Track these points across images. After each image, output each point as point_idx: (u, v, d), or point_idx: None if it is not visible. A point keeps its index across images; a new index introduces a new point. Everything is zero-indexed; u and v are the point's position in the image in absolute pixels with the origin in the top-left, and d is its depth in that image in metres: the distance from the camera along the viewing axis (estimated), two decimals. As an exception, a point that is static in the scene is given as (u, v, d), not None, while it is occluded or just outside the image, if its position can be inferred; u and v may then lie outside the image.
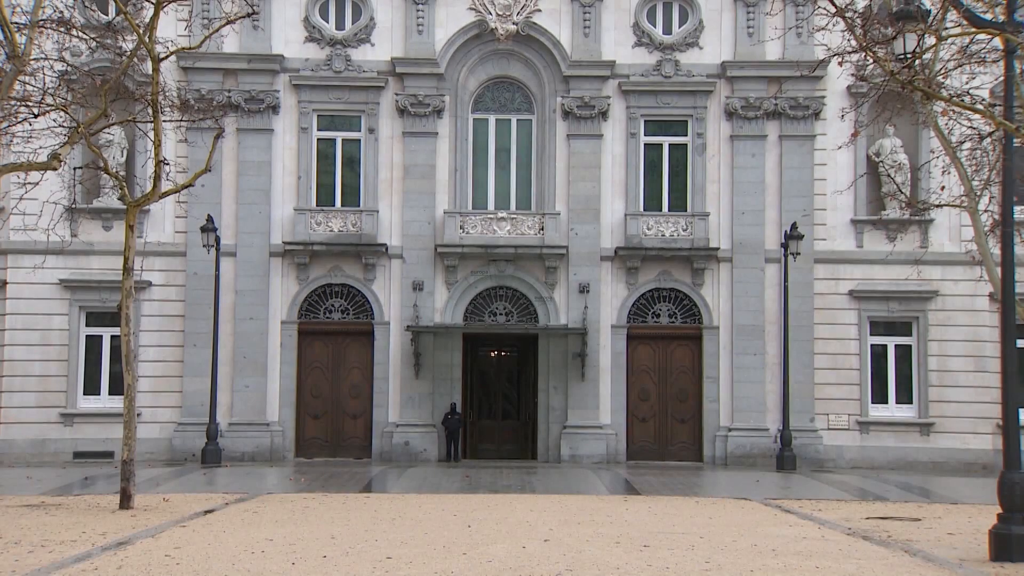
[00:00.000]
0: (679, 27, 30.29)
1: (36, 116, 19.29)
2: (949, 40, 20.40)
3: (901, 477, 26.92)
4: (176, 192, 21.61)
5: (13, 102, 19.25)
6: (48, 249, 24.99)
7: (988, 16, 19.90)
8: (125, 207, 20.15)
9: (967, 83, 22.82)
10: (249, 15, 24.96)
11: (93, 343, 29.38)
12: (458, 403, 29.57)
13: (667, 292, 29.98)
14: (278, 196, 29.63)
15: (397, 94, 29.82)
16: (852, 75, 26.88)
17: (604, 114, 29.82)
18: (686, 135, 30.16)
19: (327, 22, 30.14)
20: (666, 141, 30.24)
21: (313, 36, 29.93)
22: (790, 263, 28.52)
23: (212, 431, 28.12)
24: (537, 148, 30.26)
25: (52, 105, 19.38)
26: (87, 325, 29.37)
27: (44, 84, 19.61)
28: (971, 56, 21.06)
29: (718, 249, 29.55)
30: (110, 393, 29.11)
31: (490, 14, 29.92)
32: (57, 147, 19.48)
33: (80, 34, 20.94)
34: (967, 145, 22.68)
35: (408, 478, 25.22)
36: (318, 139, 30.09)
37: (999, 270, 16.70)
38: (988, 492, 18.39)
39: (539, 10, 30.03)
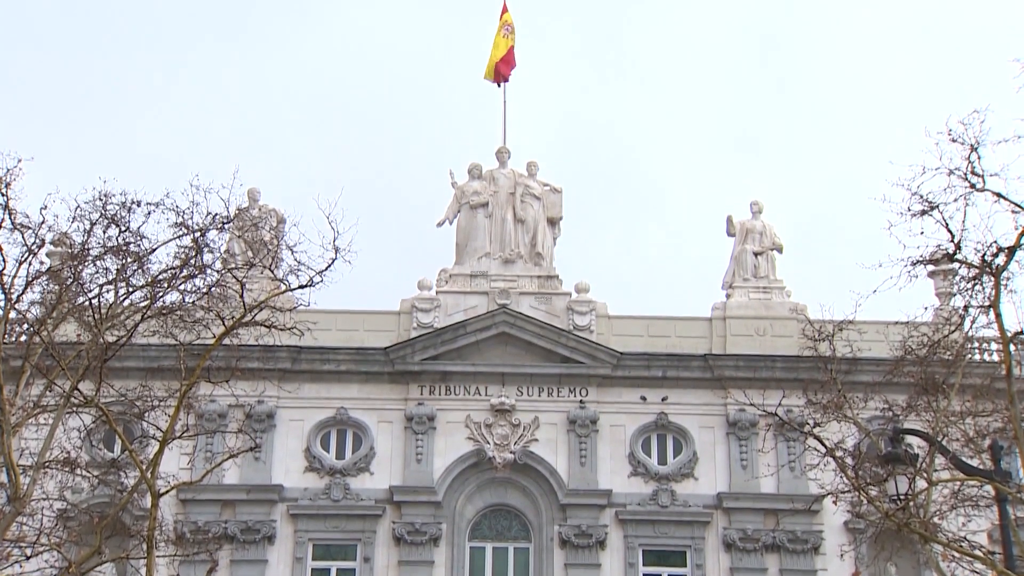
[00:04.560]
0: (674, 458, 30.68)
1: (28, 558, 19.15)
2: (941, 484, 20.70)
3: None
4: (161, 631, 20.99)
5: (7, 543, 19.19)
6: None
7: (975, 461, 20.36)
8: (106, 651, 19.48)
9: (964, 525, 22.84)
10: (252, 449, 25.62)
11: None
12: None
13: None
14: (266, 630, 28.68)
15: (394, 522, 29.67)
16: (848, 511, 26.92)
17: (602, 543, 29.50)
18: (685, 566, 29.65)
19: (328, 452, 30.58)
20: (665, 572, 29.71)
21: (313, 466, 30.23)
22: None
23: None
24: (535, 577, 29.74)
25: (46, 546, 19.31)
26: None
27: (41, 524, 19.63)
28: (964, 500, 21.27)
29: None
30: None
31: (488, 443, 30.42)
32: (45, 588, 19.19)
33: (83, 472, 21.27)
34: (973, 590, 22.28)
35: None
36: (312, 569, 29.56)
37: None
38: None
39: (536, 440, 30.53)
